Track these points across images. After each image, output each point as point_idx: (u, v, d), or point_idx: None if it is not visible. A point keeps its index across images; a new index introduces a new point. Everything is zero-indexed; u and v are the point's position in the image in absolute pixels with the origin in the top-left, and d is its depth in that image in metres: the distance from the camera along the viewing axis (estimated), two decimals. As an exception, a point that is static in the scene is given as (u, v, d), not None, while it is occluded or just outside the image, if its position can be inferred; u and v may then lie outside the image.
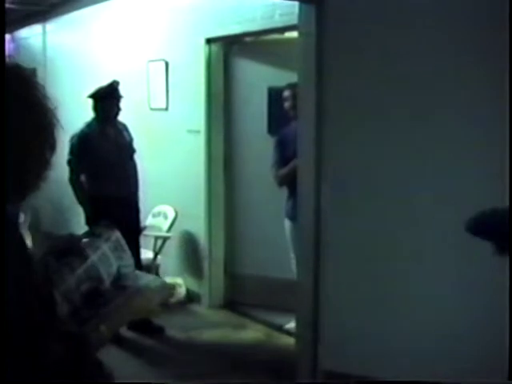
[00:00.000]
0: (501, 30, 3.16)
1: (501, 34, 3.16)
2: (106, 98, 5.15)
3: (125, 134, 5.33)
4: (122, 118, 6.04)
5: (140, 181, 5.36)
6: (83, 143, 5.08)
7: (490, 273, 3.26)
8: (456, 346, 3.41)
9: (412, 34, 3.53)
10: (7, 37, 8.87)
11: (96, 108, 5.17)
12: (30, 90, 1.35)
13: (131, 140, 5.35)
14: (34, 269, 1.35)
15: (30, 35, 8.71)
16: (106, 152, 5.11)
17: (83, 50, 7.51)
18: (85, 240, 1.65)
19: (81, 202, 5.19)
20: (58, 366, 1.30)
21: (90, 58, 7.36)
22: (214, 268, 6.00)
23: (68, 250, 1.63)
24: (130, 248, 1.74)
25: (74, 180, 5.15)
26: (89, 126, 5.18)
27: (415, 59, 3.53)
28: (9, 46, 8.82)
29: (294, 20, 4.21)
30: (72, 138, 5.04)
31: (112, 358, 1.56)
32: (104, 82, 6.93)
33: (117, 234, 1.70)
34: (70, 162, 5.07)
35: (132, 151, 5.33)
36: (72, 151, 5.07)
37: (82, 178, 5.17)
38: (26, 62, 1.41)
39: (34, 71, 1.37)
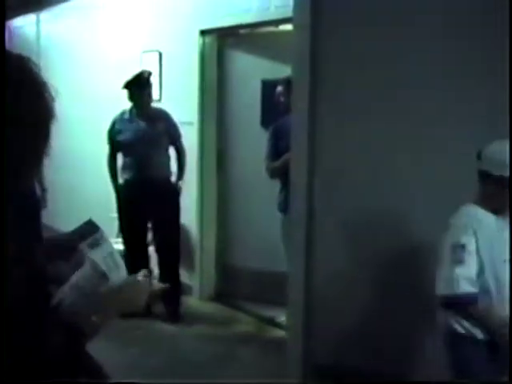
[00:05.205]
0: (500, 27, 3.17)
1: (500, 33, 3.17)
2: (132, 87, 5.26)
3: (157, 124, 5.31)
4: (113, 107, 6.04)
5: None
6: (111, 126, 5.43)
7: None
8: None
9: (408, 28, 3.53)
10: None
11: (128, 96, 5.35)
12: (29, 80, 1.35)
13: (165, 131, 5.35)
14: (33, 258, 1.36)
15: (24, 24, 8.67)
16: (127, 138, 5.29)
17: (77, 39, 7.48)
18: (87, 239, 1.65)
19: (112, 182, 5.51)
20: (52, 355, 1.31)
21: (83, 48, 7.34)
22: (206, 260, 6.01)
23: (67, 246, 1.63)
24: None
25: (106, 159, 5.51)
26: (122, 112, 5.42)
27: (411, 54, 3.54)
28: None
29: (289, 13, 4.20)
30: None
31: (104, 347, 1.56)
32: (97, 71, 6.93)
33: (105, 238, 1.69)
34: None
35: (160, 141, 5.34)
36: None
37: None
38: (19, 51, 1.40)
39: (34, 62, 1.36)
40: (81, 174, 7.27)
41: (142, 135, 5.24)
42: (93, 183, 6.89)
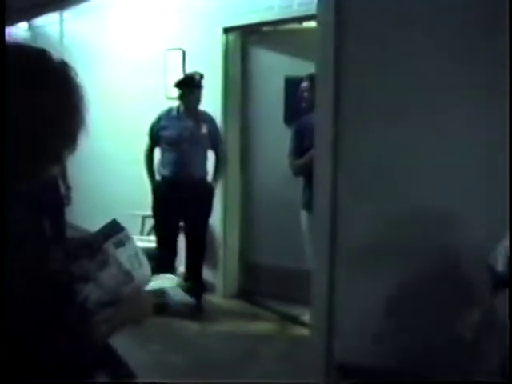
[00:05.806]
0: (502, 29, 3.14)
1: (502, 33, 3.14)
2: (183, 87, 5.37)
3: (202, 126, 5.43)
4: (136, 106, 6.05)
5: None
6: (155, 121, 5.51)
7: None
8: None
9: (434, 26, 3.50)
10: (24, 25, 8.91)
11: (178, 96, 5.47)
12: (67, 85, 1.35)
13: (209, 134, 5.46)
14: (53, 256, 1.35)
15: (47, 23, 8.72)
16: (171, 134, 5.36)
17: (100, 38, 7.52)
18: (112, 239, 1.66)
19: (149, 176, 5.57)
20: (61, 357, 1.30)
21: (106, 46, 7.37)
22: (229, 257, 6.01)
23: (92, 245, 1.64)
24: None
25: (144, 153, 5.59)
26: (169, 109, 5.53)
27: (437, 52, 3.51)
28: (25, 35, 8.85)
29: (312, 10, 4.18)
30: None
31: (126, 344, 1.56)
32: (121, 70, 6.95)
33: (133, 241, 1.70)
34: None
35: (203, 143, 5.43)
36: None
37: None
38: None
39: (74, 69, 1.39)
40: (104, 173, 7.30)
41: (187, 134, 5.34)
42: (116, 182, 6.92)
